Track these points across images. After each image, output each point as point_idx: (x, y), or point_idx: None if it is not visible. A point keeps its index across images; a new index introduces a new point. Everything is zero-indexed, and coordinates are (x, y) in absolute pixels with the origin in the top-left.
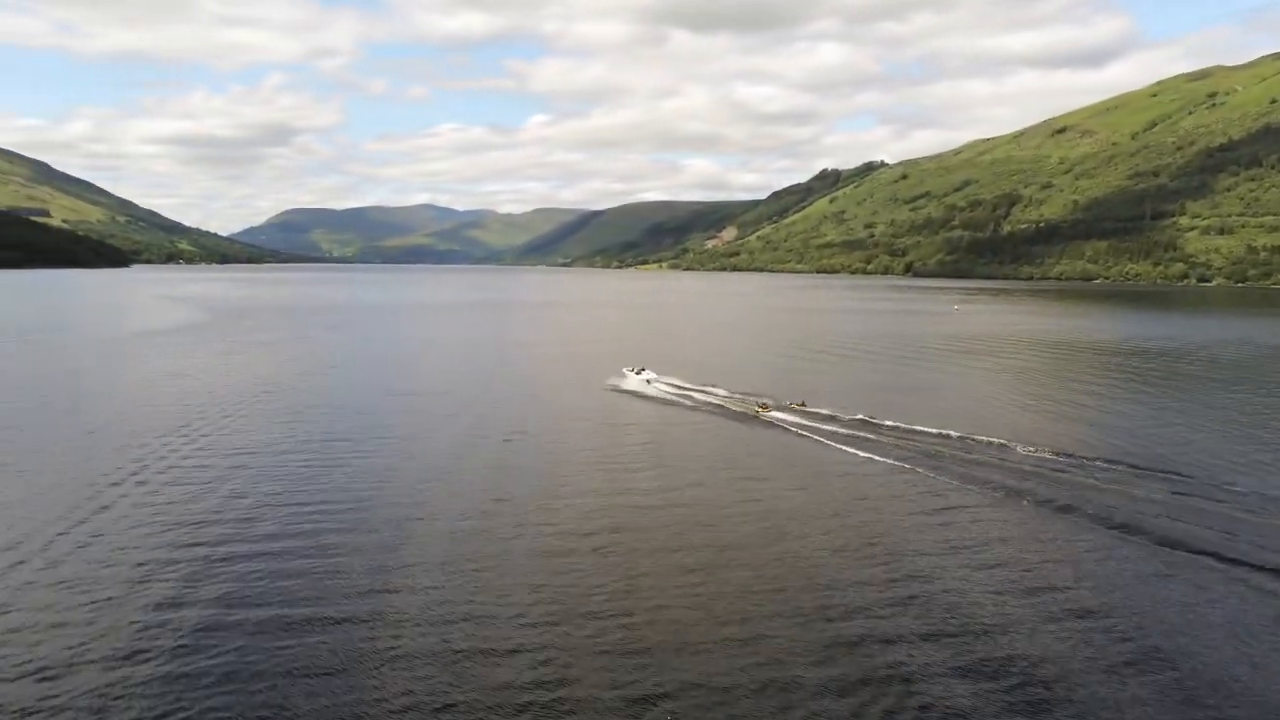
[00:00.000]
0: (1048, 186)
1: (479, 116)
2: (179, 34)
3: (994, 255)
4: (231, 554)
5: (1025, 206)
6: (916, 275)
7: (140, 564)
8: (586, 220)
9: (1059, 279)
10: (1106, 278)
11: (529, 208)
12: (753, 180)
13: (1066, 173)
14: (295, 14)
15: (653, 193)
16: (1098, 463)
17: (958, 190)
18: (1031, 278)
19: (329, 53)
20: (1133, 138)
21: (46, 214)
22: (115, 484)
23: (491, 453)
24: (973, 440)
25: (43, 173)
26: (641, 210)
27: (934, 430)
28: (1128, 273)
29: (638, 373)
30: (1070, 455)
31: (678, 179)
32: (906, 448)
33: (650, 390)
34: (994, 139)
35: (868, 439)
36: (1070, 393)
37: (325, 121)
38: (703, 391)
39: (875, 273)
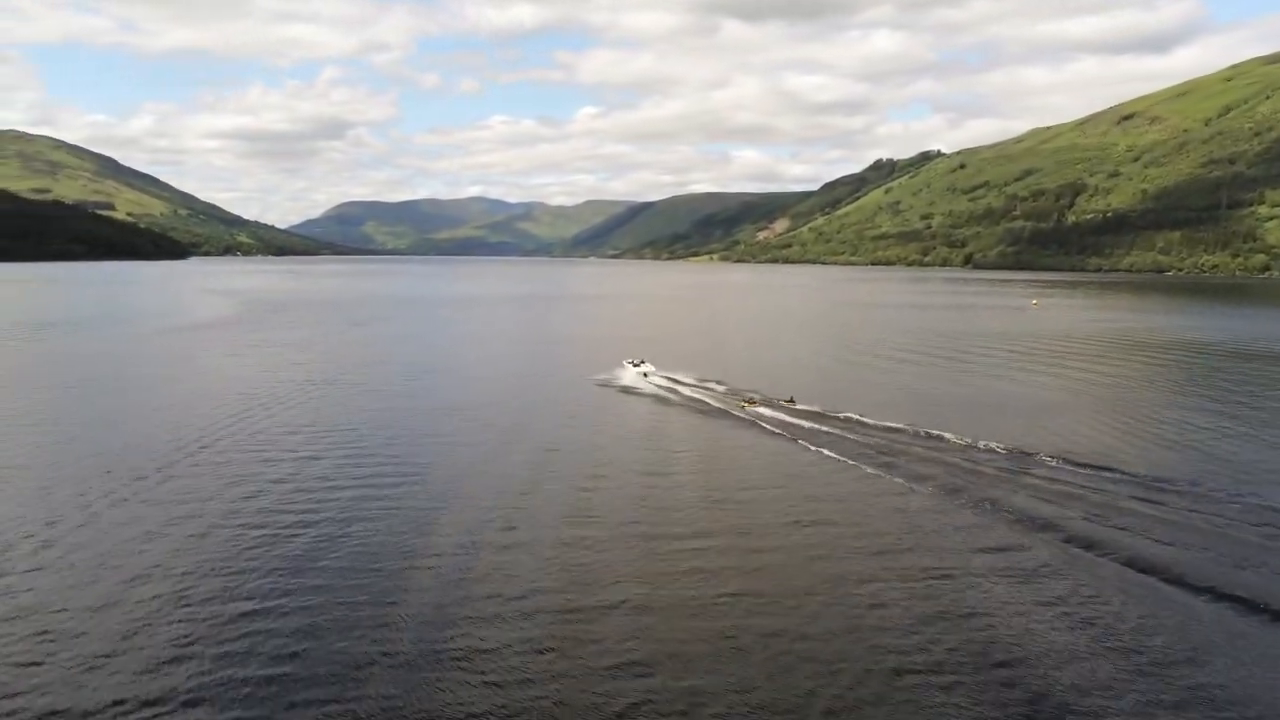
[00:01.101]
0: (1115, 175)
1: (529, 109)
2: (237, 30)
3: (1059, 246)
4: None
5: (1091, 196)
6: (976, 267)
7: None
8: (636, 212)
9: (1129, 271)
10: (1180, 269)
11: (578, 200)
12: (803, 171)
13: (1135, 160)
14: (349, 9)
15: (702, 184)
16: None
17: (1019, 179)
18: (1099, 269)
19: (382, 47)
20: (1206, 124)
21: (112, 207)
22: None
23: (461, 446)
24: (992, 450)
25: (109, 167)
26: (691, 202)
27: (936, 435)
28: (1203, 264)
29: (636, 365)
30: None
31: (727, 170)
32: (890, 451)
33: (642, 383)
34: (1056, 127)
35: (846, 439)
36: (1173, 409)
37: (378, 115)
38: (696, 387)
39: (933, 265)
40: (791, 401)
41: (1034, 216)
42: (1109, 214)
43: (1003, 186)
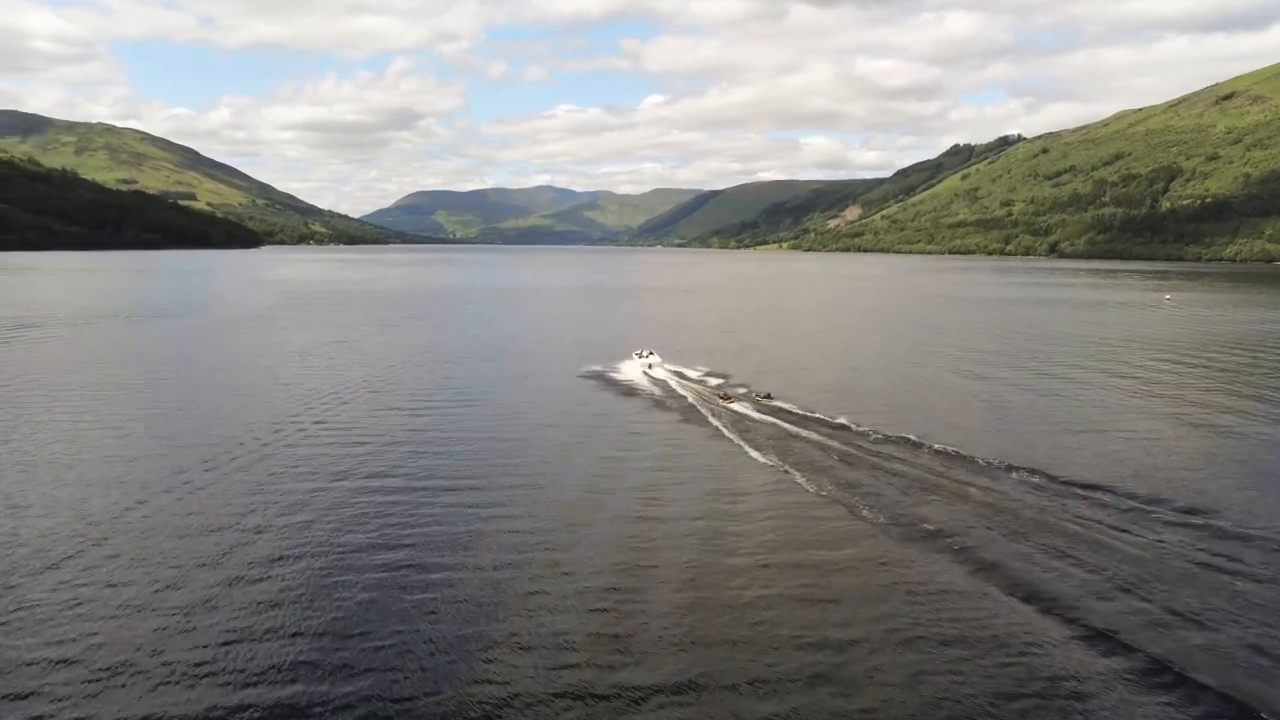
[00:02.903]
0: (1213, 158)
1: (595, 97)
2: (311, 23)
3: (1152, 234)
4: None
5: (1187, 181)
6: (1061, 256)
7: None
8: (703, 200)
9: (1234, 260)
10: None
11: (645, 188)
12: (874, 158)
13: (1235, 143)
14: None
15: (771, 172)
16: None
17: (1107, 164)
18: (1199, 259)
19: (451, 37)
20: None
21: (193, 198)
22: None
23: (427, 441)
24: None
25: (190, 159)
26: (760, 190)
27: (919, 439)
28: None
29: (643, 357)
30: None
31: (796, 158)
32: (864, 459)
33: (640, 377)
34: (1146, 109)
35: (814, 439)
36: None
37: (447, 105)
38: (692, 383)
39: (1014, 254)
40: (768, 397)
41: (1124, 203)
42: (1208, 200)
43: (1090, 171)
